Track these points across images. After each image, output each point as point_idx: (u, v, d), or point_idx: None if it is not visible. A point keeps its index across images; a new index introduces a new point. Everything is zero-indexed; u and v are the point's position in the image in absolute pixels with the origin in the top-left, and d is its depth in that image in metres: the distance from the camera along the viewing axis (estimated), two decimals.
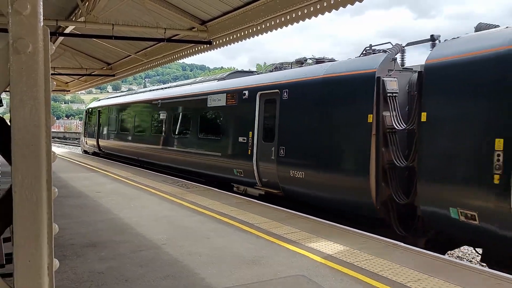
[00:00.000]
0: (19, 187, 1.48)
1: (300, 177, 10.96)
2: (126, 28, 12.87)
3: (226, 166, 14.28)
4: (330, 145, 10.33)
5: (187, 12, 12.29)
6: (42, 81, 1.50)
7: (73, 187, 13.41)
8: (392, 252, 6.97)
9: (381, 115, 9.14)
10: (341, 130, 10.17)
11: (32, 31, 1.48)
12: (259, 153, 12.66)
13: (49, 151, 1.51)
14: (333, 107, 10.34)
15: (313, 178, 10.66)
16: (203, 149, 15.81)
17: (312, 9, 9.11)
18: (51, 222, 1.54)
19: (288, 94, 11.67)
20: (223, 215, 9.49)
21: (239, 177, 13.71)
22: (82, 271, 5.93)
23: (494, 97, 7.11)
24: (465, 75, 7.60)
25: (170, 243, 7.34)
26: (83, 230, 8.15)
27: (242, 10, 10.96)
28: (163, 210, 10.05)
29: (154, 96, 21.19)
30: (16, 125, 1.47)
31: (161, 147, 19.18)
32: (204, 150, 15.69)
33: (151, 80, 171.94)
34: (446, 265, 6.36)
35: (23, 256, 1.49)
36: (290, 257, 6.66)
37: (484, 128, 7.21)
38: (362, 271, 6.01)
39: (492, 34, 7.65)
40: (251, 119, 13.05)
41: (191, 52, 14.94)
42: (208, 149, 15.43)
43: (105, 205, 10.64)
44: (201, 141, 16.06)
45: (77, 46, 19.32)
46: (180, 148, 17.57)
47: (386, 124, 9.17)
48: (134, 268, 6.06)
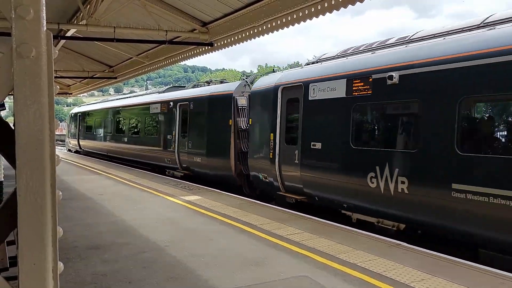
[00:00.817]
0: (23, 191, 1.49)
1: (199, 162, 16.52)
2: (128, 31, 12.89)
3: (160, 156, 19.76)
4: (210, 139, 16.01)
5: (188, 14, 12.30)
6: (46, 85, 1.51)
7: (76, 189, 13.44)
8: (395, 252, 6.97)
9: (235, 120, 14.84)
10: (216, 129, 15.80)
11: (35, 36, 1.49)
12: (180, 145, 17.92)
13: (53, 154, 1.52)
14: (213, 115, 16.05)
15: (204, 161, 16.16)
16: (146, 145, 21.49)
17: (314, 10, 9.10)
18: (56, 226, 1.55)
19: (193, 105, 17.32)
20: (225, 217, 9.50)
21: (167, 164, 19.05)
22: (85, 273, 5.95)
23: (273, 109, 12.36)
24: (262, 97, 13.19)
25: (173, 245, 7.35)
26: (86, 232, 8.17)
27: (243, 12, 10.95)
28: (166, 212, 10.06)
29: (116, 104, 27.44)
30: (20, 129, 1.48)
31: (122, 144, 24.64)
32: (147, 146, 21.42)
33: (153, 82, 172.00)
34: (450, 264, 6.35)
35: (28, 259, 1.50)
36: (293, 258, 6.66)
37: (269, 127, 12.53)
38: (365, 272, 6.01)
39: (272, 76, 13.51)
40: (175, 122, 18.50)
41: (192, 54, 14.95)
42: (150, 144, 21.10)
43: (108, 207, 10.66)
44: (145, 139, 21.86)
45: (79, 49, 19.35)
46: (132, 144, 23.18)
47: (238, 126, 14.83)
48: (138, 270, 6.08)
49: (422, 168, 7.91)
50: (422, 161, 7.93)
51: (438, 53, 7.91)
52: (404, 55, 8.72)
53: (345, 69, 10.11)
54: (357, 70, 9.63)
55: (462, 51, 7.46)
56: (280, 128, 12.16)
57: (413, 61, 8.35)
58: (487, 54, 7.01)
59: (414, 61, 8.32)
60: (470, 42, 7.51)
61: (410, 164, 8.18)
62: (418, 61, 8.22)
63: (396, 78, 8.44)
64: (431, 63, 7.95)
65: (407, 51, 8.82)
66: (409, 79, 8.31)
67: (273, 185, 12.35)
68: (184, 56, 15.44)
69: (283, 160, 11.90)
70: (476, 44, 7.35)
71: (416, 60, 8.28)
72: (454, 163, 7.33)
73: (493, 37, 7.22)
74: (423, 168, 7.90)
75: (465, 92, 7.32)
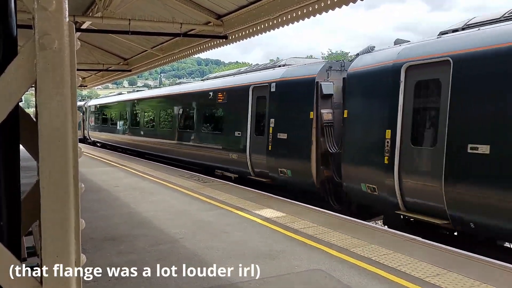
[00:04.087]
0: (46, 183, 1.49)
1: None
2: (143, 23, 12.89)
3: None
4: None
5: (203, 6, 12.26)
6: (68, 77, 1.50)
7: (92, 181, 13.56)
8: (410, 246, 6.92)
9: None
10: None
11: (58, 27, 1.48)
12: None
13: (75, 146, 1.52)
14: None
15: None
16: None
17: (330, 2, 8.99)
18: (78, 218, 1.55)
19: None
20: (239, 209, 9.51)
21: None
22: (101, 264, 5.99)
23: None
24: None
25: (187, 237, 7.38)
26: (102, 224, 8.24)
27: (258, 4, 10.88)
28: (180, 204, 10.11)
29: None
30: (43, 121, 1.48)
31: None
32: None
33: (167, 75, 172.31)
34: (466, 260, 6.29)
35: (51, 251, 1.50)
36: (307, 251, 6.65)
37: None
38: (380, 266, 5.97)
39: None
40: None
41: (206, 46, 14.91)
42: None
43: (123, 199, 10.74)
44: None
45: (94, 42, 19.43)
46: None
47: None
48: (153, 262, 6.11)
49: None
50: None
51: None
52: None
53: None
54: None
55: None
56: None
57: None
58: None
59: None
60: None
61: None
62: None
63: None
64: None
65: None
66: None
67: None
68: (199, 49, 15.40)
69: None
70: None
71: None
72: None
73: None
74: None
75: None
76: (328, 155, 11.50)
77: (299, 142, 12.13)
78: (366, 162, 9.76)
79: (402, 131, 8.77)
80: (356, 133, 10.31)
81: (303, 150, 11.90)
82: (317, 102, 11.60)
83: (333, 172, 11.44)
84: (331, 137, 11.50)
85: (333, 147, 11.40)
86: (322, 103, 11.62)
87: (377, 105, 9.58)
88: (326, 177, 11.61)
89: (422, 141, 8.70)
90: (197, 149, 17.70)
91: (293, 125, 12.42)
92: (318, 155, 11.54)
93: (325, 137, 11.49)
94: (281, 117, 12.83)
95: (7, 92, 1.46)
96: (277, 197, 11.16)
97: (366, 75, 9.98)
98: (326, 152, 11.50)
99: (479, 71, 7.49)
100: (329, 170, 11.56)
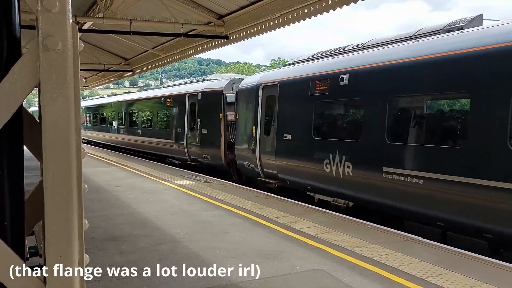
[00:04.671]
0: (50, 183, 1.50)
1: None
2: (144, 24, 12.92)
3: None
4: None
5: (204, 6, 12.27)
6: (72, 78, 1.51)
7: (93, 181, 13.58)
8: (411, 246, 6.92)
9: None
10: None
11: (61, 29, 1.49)
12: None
13: (79, 147, 1.53)
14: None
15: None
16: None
17: (330, 3, 9.00)
18: (82, 218, 1.56)
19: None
20: (241, 210, 9.52)
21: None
22: (102, 264, 6.00)
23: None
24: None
25: (189, 237, 7.39)
26: (103, 224, 8.25)
27: (259, 4, 10.89)
28: (182, 204, 10.12)
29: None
30: (46, 122, 1.49)
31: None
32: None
33: (168, 75, 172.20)
34: (467, 260, 6.29)
35: (54, 251, 1.51)
36: (308, 251, 6.65)
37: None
38: (381, 266, 5.98)
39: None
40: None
41: (208, 47, 14.93)
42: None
43: (124, 199, 10.76)
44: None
45: (95, 42, 19.46)
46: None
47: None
48: (154, 261, 6.12)
49: None
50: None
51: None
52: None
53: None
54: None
55: None
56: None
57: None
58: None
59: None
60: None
61: None
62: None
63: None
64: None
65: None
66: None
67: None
68: (200, 49, 15.43)
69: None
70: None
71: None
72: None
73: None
74: None
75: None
76: (231, 144, 15.82)
77: (214, 135, 16.63)
78: (245, 148, 14.35)
79: (260, 127, 13.47)
80: (240, 129, 14.99)
81: (216, 141, 16.45)
82: (224, 107, 16.20)
83: (234, 155, 15.52)
84: (233, 132, 15.86)
85: (233, 138, 15.81)
86: (227, 108, 16.20)
87: (250, 110, 14.22)
88: (230, 159, 15.94)
89: (269, 133, 13.10)
90: (155, 143, 22.42)
91: (210, 123, 16.97)
92: (225, 144, 16.07)
93: (229, 131, 16.06)
94: (204, 118, 17.52)
95: (11, 93, 1.47)
96: (278, 197, 11.18)
97: (245, 90, 14.81)
98: (230, 142, 15.94)
99: (288, 90, 12.35)
100: (232, 154, 15.70)
